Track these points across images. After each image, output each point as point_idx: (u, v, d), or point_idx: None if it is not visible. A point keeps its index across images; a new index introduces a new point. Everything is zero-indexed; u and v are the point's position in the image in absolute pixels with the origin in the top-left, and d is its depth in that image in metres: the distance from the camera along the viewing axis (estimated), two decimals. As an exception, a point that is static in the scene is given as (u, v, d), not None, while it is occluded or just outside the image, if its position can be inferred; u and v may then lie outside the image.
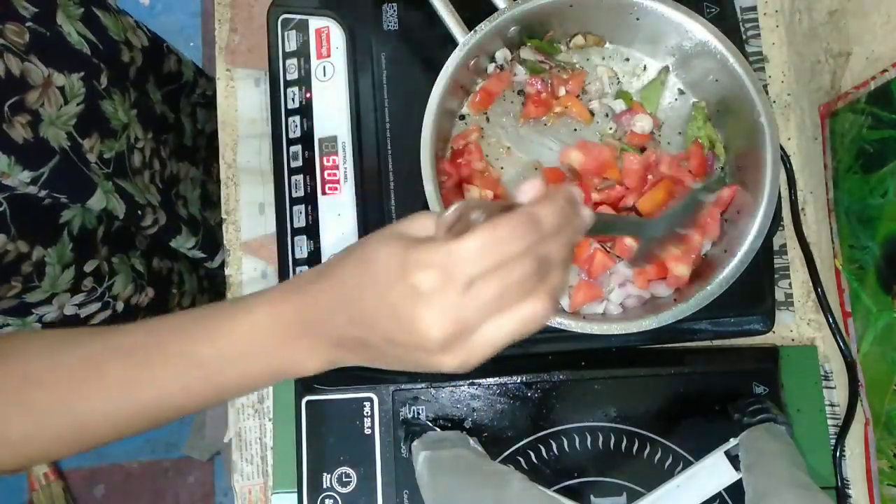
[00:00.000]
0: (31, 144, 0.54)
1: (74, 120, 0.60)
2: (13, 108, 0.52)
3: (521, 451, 0.57)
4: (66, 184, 0.57)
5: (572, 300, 0.54)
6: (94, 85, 0.63)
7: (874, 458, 0.58)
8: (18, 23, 0.55)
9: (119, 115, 0.67)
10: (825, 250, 0.63)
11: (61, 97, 0.58)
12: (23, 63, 0.54)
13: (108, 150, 0.65)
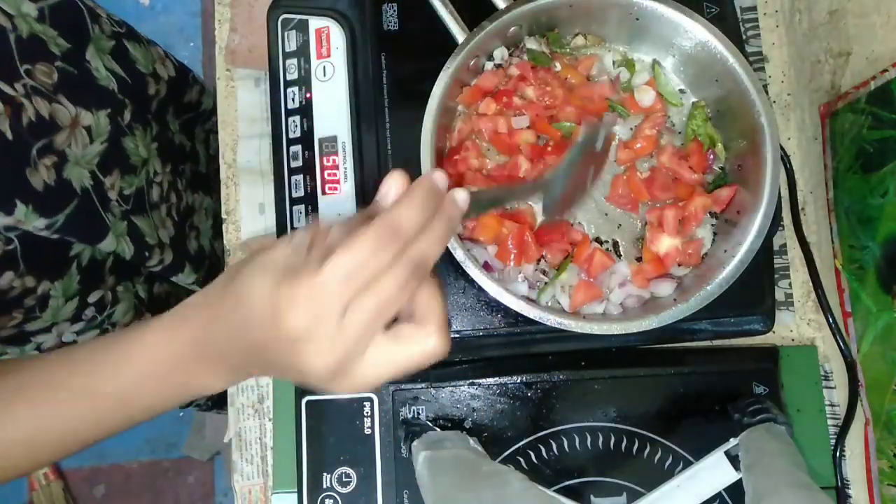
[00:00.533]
0: (51, 189, 0.53)
1: (98, 158, 0.59)
2: (41, 151, 0.52)
3: (521, 451, 0.57)
4: (80, 228, 0.57)
5: (572, 300, 0.54)
6: (118, 122, 0.63)
7: (874, 458, 0.58)
8: (48, 63, 0.54)
9: (140, 151, 0.67)
10: (825, 250, 0.63)
11: (87, 137, 0.58)
12: (51, 104, 0.53)
13: (129, 186, 0.65)
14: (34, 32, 0.53)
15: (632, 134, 0.58)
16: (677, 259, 0.55)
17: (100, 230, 0.59)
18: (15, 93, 0.49)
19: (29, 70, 0.52)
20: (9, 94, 0.48)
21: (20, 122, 0.49)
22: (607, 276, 0.56)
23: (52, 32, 0.55)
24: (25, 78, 0.51)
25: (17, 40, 0.50)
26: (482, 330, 0.56)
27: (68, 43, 0.57)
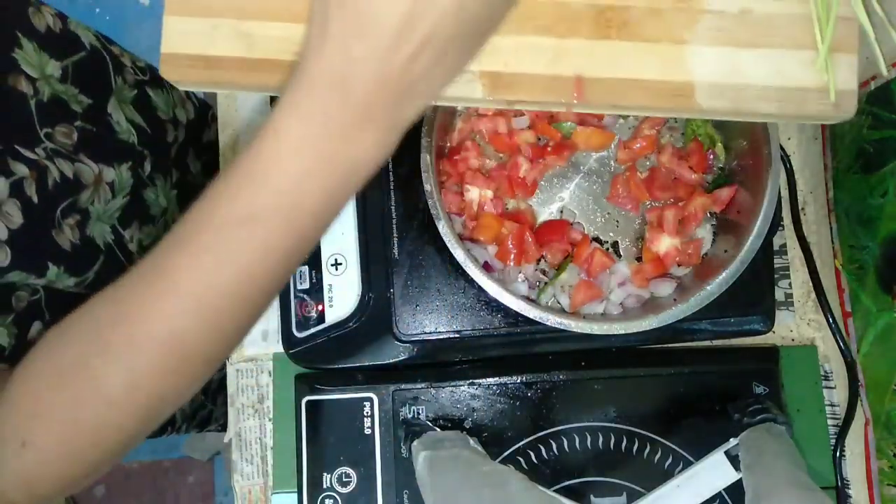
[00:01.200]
0: (78, 248, 0.53)
1: (119, 212, 0.59)
2: (65, 211, 0.52)
3: (521, 451, 0.57)
4: (108, 282, 0.57)
5: (572, 300, 0.55)
6: (138, 173, 0.63)
7: (874, 458, 0.58)
8: (68, 124, 0.54)
9: (160, 201, 0.66)
10: (825, 250, 0.63)
11: (110, 192, 0.58)
12: (74, 165, 0.53)
13: (147, 237, 0.64)
14: (56, 93, 0.53)
15: (632, 133, 0.58)
16: (677, 259, 0.55)
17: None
18: (37, 157, 0.49)
19: (49, 133, 0.52)
20: (31, 158, 0.49)
21: (45, 185, 0.49)
22: (607, 276, 0.56)
23: (73, 91, 0.55)
24: (45, 141, 0.51)
25: (38, 105, 0.51)
26: (482, 330, 0.56)
27: (90, 98, 0.57)
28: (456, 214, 0.56)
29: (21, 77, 0.49)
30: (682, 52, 0.43)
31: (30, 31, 0.51)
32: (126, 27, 1.67)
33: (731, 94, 0.42)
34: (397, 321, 0.56)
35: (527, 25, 0.42)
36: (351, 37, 0.31)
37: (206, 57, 0.43)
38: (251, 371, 0.63)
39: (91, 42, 0.58)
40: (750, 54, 0.42)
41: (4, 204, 0.46)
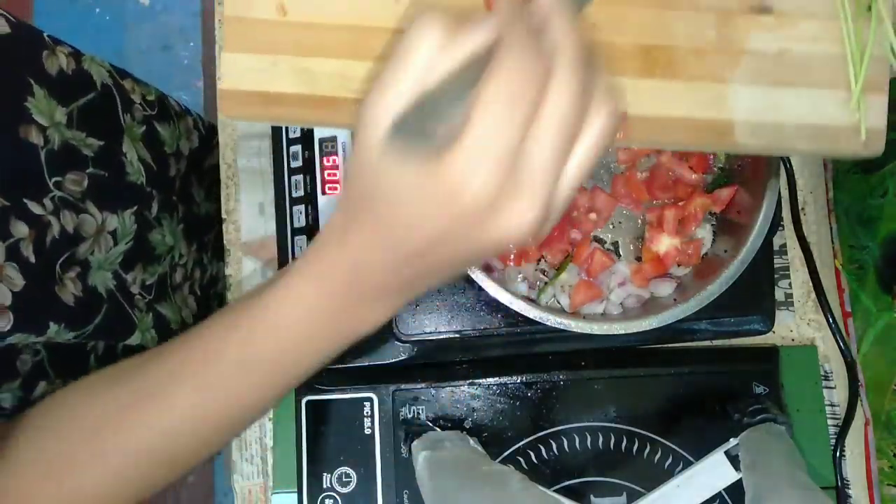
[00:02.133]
0: (80, 301, 0.52)
1: (121, 258, 0.58)
2: (64, 264, 0.51)
3: (521, 451, 0.57)
4: (109, 332, 0.56)
5: (572, 300, 0.54)
6: (145, 217, 0.62)
7: (874, 458, 0.58)
8: (79, 171, 0.53)
9: (166, 240, 0.66)
10: (825, 250, 0.63)
11: (112, 240, 0.57)
12: (77, 216, 0.52)
13: (151, 276, 0.63)
14: (65, 140, 0.52)
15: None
16: (677, 259, 0.55)
17: (127, 328, 0.59)
18: (43, 210, 0.49)
19: (59, 182, 0.51)
20: (35, 213, 0.48)
21: (44, 243, 0.49)
22: (607, 276, 0.56)
23: (80, 135, 0.54)
24: (54, 191, 0.50)
25: (48, 154, 0.50)
26: (482, 330, 0.56)
27: (101, 140, 0.56)
28: (456, 214, 0.56)
29: (32, 127, 0.49)
30: (724, 91, 0.44)
31: (42, 76, 0.50)
32: (126, 27, 1.67)
33: (768, 133, 0.43)
34: (397, 321, 0.56)
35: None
36: (377, 242, 0.32)
37: (266, 93, 0.43)
38: (251, 371, 0.63)
39: (103, 80, 0.57)
40: (788, 93, 0.44)
41: (4, 268, 0.45)
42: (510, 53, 0.27)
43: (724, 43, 0.44)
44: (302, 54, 0.43)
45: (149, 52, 1.67)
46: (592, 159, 0.29)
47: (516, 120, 0.27)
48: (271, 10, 0.44)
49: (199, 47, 1.66)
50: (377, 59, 0.44)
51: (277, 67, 0.43)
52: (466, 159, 0.27)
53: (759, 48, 0.44)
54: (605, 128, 0.29)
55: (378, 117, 0.28)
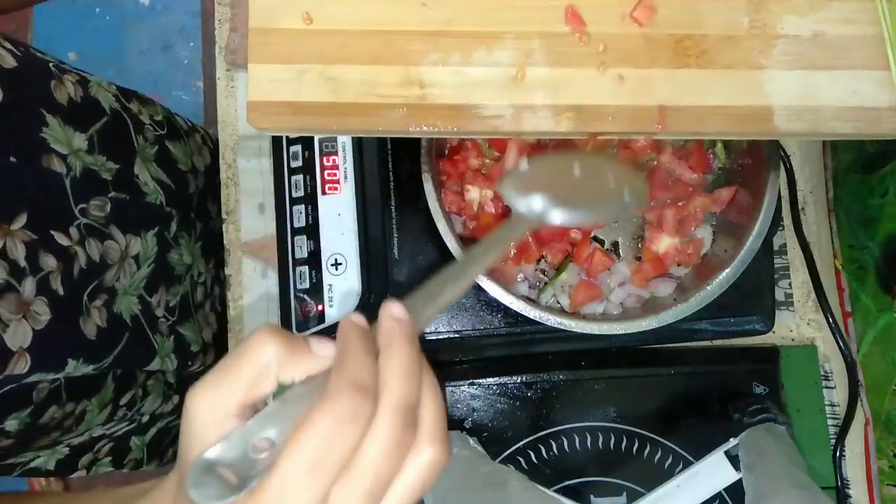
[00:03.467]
0: (102, 332, 0.52)
1: (145, 281, 0.58)
2: (91, 294, 0.51)
3: (521, 451, 0.57)
4: (129, 360, 0.56)
5: (572, 300, 0.54)
6: (164, 237, 0.62)
7: (874, 458, 0.58)
8: (102, 195, 0.54)
9: (184, 259, 0.65)
10: (825, 250, 0.63)
11: (135, 264, 0.57)
12: (103, 244, 0.53)
13: (174, 296, 0.64)
14: (86, 165, 0.52)
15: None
16: (677, 258, 0.55)
17: (147, 355, 0.59)
18: (69, 241, 0.49)
19: (84, 209, 0.51)
20: (62, 245, 0.48)
21: (72, 274, 0.49)
22: (607, 276, 0.56)
23: (101, 159, 0.54)
24: (80, 217, 0.51)
25: (72, 182, 0.50)
26: (482, 330, 0.56)
27: (117, 163, 0.56)
28: (456, 214, 0.56)
29: (52, 156, 0.49)
30: (760, 77, 0.44)
31: (53, 106, 0.50)
32: (126, 27, 1.67)
33: (808, 117, 0.43)
34: (397, 321, 0.56)
35: (608, 57, 0.43)
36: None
37: (294, 103, 0.43)
38: (251, 371, 0.62)
39: (111, 105, 0.58)
40: (825, 76, 0.44)
41: (33, 304, 0.45)
42: (330, 404, 0.26)
43: (757, 29, 0.44)
44: (328, 62, 0.43)
45: (149, 52, 1.67)
46: (412, 498, 0.27)
47: (321, 476, 0.25)
48: (297, 20, 0.44)
49: (199, 47, 1.66)
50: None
51: (304, 76, 0.43)
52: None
53: (792, 32, 0.44)
54: (428, 469, 0.27)
55: (199, 426, 0.27)
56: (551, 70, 0.43)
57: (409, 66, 0.44)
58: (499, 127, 0.42)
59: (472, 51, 0.44)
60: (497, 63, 0.44)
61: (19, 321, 0.44)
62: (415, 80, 0.44)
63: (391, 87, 0.43)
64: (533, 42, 0.44)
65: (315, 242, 0.59)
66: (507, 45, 0.44)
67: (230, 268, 0.65)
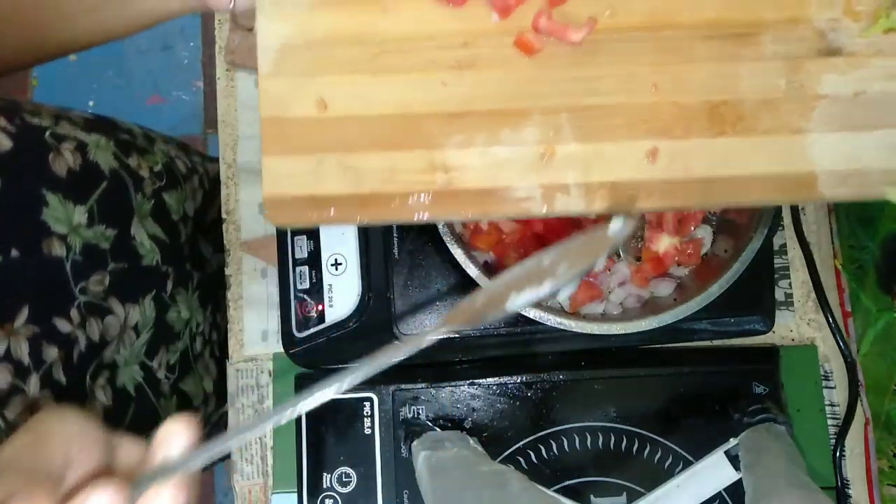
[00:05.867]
0: (109, 409, 0.52)
1: (144, 348, 0.57)
2: (94, 374, 0.50)
3: (521, 451, 0.57)
4: (136, 429, 0.55)
5: (572, 300, 0.54)
6: (161, 298, 0.60)
7: (874, 458, 0.58)
8: (101, 270, 0.52)
9: (181, 315, 0.64)
10: (825, 250, 0.63)
11: (135, 334, 0.56)
12: (103, 321, 0.51)
13: (173, 354, 0.62)
14: (86, 241, 0.51)
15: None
16: (676, 258, 0.55)
17: (153, 422, 0.58)
18: (70, 326, 0.48)
19: (83, 287, 0.50)
20: (63, 332, 0.47)
21: (72, 359, 0.48)
22: (607, 276, 0.56)
23: (100, 229, 0.52)
24: (79, 297, 0.49)
25: (73, 263, 0.49)
26: (482, 330, 0.56)
27: (115, 229, 0.54)
28: (456, 214, 0.56)
29: (53, 239, 0.47)
30: (801, 142, 0.42)
31: (53, 182, 0.48)
32: (126, 27, 1.67)
33: (854, 181, 0.42)
34: (397, 321, 0.56)
35: (639, 129, 0.42)
36: None
37: (313, 197, 0.41)
38: (251, 371, 0.63)
39: (111, 166, 0.55)
40: (869, 137, 0.42)
41: (38, 401, 0.45)
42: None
43: (795, 91, 0.42)
44: (347, 150, 0.41)
45: (149, 52, 1.66)
46: None
47: None
48: (311, 107, 0.41)
49: (199, 47, 1.66)
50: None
51: (322, 167, 0.41)
52: None
53: (833, 92, 0.42)
54: None
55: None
56: (581, 146, 0.41)
57: (433, 149, 0.42)
58: (530, 209, 0.41)
59: (497, 130, 0.42)
60: (524, 142, 0.42)
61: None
62: (439, 164, 0.42)
63: (414, 172, 0.41)
64: (561, 117, 0.42)
65: (315, 242, 0.59)
66: (534, 122, 0.42)
67: (230, 268, 0.65)
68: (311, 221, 0.42)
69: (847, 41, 0.42)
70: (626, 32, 0.42)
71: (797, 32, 0.43)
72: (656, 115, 0.42)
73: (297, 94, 0.42)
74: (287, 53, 0.42)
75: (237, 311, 0.64)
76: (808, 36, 0.43)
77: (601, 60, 0.42)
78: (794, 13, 0.43)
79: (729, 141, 0.42)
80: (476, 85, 0.42)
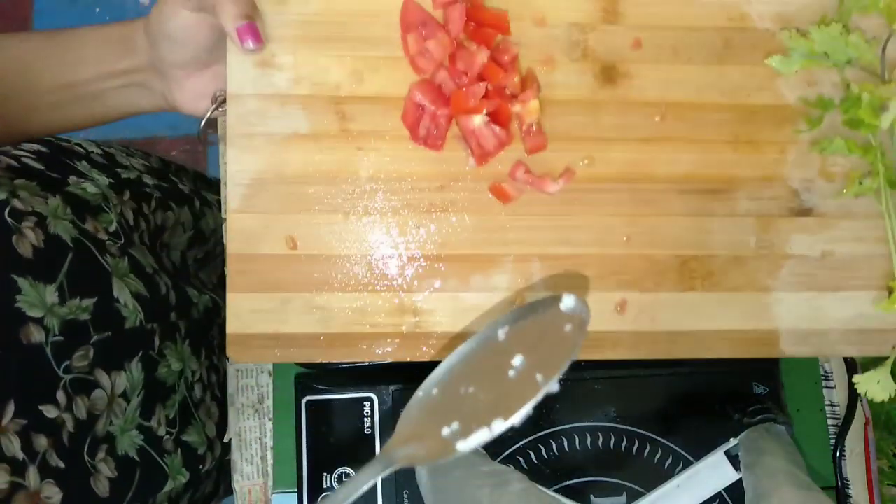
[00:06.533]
0: (114, 481, 0.51)
1: (138, 410, 0.56)
2: (90, 450, 0.49)
3: (521, 451, 0.57)
4: (144, 493, 0.55)
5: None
6: (149, 357, 0.58)
7: (874, 458, 0.58)
8: (84, 344, 0.50)
9: (173, 368, 0.62)
10: (825, 250, 0.63)
11: (125, 402, 0.54)
12: (89, 397, 0.50)
13: (171, 408, 0.61)
14: (63, 319, 0.49)
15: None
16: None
17: (159, 480, 0.58)
18: (57, 411, 0.47)
19: (67, 366, 0.49)
20: (50, 418, 0.46)
21: (62, 443, 0.47)
22: (607, 277, 0.55)
23: (75, 303, 0.50)
24: (64, 376, 0.48)
25: (53, 346, 0.47)
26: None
27: (93, 297, 0.52)
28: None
29: (30, 326, 0.46)
30: (767, 300, 0.42)
31: (21, 266, 0.47)
32: (126, 27, 1.67)
33: (814, 340, 0.42)
34: (397, 321, 0.56)
35: (610, 280, 0.42)
36: None
37: (278, 335, 0.41)
38: (251, 371, 0.63)
39: (71, 235, 0.52)
40: (832, 298, 0.42)
41: (42, 491, 0.44)
42: None
43: (765, 249, 0.42)
44: (314, 290, 0.41)
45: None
46: None
47: None
48: (280, 245, 0.41)
49: (199, 48, 1.66)
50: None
51: (289, 306, 0.41)
52: None
53: (801, 252, 0.42)
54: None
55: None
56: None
57: (403, 292, 0.42)
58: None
59: (468, 276, 0.42)
60: (494, 288, 0.42)
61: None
62: (408, 307, 0.42)
63: (383, 315, 0.41)
64: (532, 265, 0.42)
65: (315, 242, 0.59)
66: (505, 269, 0.42)
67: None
68: (274, 359, 0.42)
69: (819, 202, 0.42)
70: (602, 183, 0.42)
71: (771, 190, 0.43)
72: (627, 266, 0.42)
73: (267, 230, 0.41)
74: (258, 188, 0.41)
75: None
76: (781, 194, 0.43)
77: (576, 210, 0.42)
78: (769, 172, 0.43)
79: (697, 296, 0.42)
80: (450, 229, 0.42)
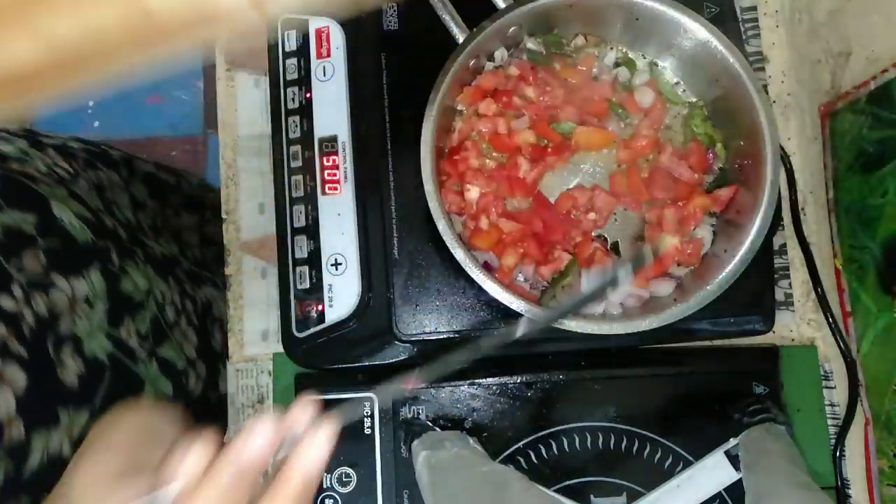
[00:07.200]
0: (84, 379, 0.52)
1: (106, 318, 0.57)
2: (56, 344, 0.51)
3: (521, 451, 0.57)
4: (119, 395, 0.56)
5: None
6: (109, 270, 0.59)
7: (874, 458, 0.58)
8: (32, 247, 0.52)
9: (139, 285, 0.63)
10: (825, 250, 0.63)
11: (88, 306, 0.56)
12: (48, 296, 0.51)
13: (142, 323, 0.62)
14: (3, 224, 0.50)
15: (632, 132, 0.58)
16: (677, 258, 0.55)
17: (136, 386, 0.59)
18: (14, 303, 0.48)
19: (19, 266, 0.50)
20: (6, 308, 0.47)
21: (22, 333, 0.48)
22: (607, 276, 0.55)
23: (15, 213, 0.52)
24: (17, 275, 0.49)
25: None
26: (482, 330, 0.56)
27: (33, 211, 0.54)
28: (456, 214, 0.56)
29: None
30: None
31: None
32: (126, 27, 1.67)
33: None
34: (397, 321, 0.56)
35: None
36: None
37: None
38: (251, 371, 0.63)
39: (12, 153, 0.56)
40: None
41: (4, 371, 0.45)
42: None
43: None
44: None
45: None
46: None
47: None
48: None
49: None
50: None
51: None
52: None
53: None
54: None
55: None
56: None
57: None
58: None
59: None
60: None
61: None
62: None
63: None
64: None
65: (315, 242, 0.59)
66: None
67: (230, 267, 0.65)
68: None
69: None
70: None
71: None
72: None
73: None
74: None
75: (237, 311, 0.64)
76: None
77: None
78: None
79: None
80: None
